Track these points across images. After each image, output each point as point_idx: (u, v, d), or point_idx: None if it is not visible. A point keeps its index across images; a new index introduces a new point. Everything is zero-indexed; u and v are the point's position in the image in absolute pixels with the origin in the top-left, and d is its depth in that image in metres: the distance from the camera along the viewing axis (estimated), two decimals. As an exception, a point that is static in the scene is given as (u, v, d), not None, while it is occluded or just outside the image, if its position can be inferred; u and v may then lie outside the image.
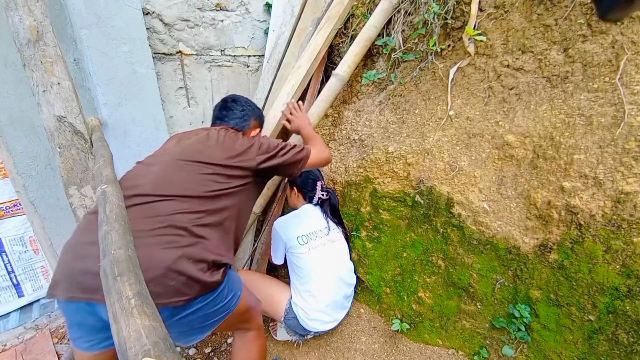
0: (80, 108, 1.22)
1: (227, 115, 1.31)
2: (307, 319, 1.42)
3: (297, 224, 1.51)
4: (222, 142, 1.11)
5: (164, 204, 0.90)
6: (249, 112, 1.34)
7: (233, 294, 0.98)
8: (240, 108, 1.33)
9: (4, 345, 1.58)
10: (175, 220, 0.87)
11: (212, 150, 1.07)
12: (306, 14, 1.84)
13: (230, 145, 1.11)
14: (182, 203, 0.92)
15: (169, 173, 0.98)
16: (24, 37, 1.07)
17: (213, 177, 1.00)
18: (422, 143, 1.45)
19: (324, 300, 1.44)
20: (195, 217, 0.91)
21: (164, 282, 0.79)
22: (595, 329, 1.14)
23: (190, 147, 1.08)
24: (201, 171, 1.00)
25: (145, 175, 0.99)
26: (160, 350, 0.41)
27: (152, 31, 1.68)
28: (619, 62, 1.09)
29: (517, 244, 1.24)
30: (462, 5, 1.39)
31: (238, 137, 1.16)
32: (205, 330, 0.95)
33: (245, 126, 1.32)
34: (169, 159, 1.04)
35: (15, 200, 1.53)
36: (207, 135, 1.15)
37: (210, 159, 1.04)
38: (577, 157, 1.12)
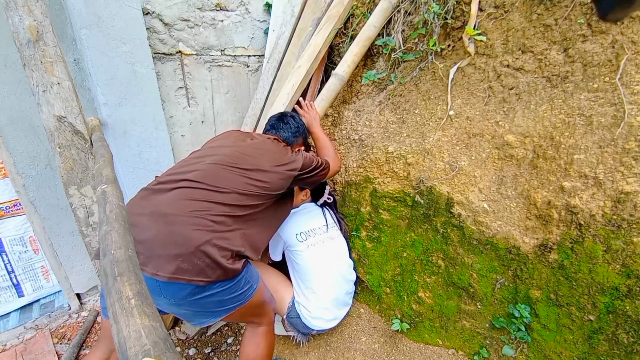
0: (80, 108, 1.22)
1: (282, 128, 1.44)
2: (309, 317, 1.42)
3: (295, 222, 1.52)
4: (273, 152, 1.23)
5: (206, 193, 0.99)
6: (301, 131, 1.48)
7: (249, 285, 1.04)
8: (296, 125, 1.46)
9: (4, 345, 1.58)
10: (212, 209, 0.97)
11: (262, 159, 1.16)
12: (306, 14, 1.84)
13: (280, 157, 1.21)
14: (221, 195, 1.01)
15: (218, 169, 1.08)
16: (24, 37, 1.07)
17: (255, 181, 1.09)
18: (422, 143, 1.45)
19: (326, 297, 1.44)
20: (229, 210, 1.00)
21: (191, 259, 0.88)
22: (595, 329, 1.14)
23: (244, 151, 1.17)
24: (247, 174, 1.09)
25: (196, 165, 1.09)
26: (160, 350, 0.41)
27: (152, 31, 1.68)
28: (619, 62, 1.09)
29: (517, 244, 1.24)
30: (462, 5, 1.39)
31: (287, 151, 1.28)
32: (218, 314, 1.01)
33: (295, 142, 1.45)
34: (222, 157, 1.13)
35: (15, 200, 1.53)
36: (262, 142, 1.27)
37: (259, 165, 1.13)
38: (577, 157, 1.12)
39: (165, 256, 0.87)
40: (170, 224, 0.91)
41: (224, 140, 1.30)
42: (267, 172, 1.13)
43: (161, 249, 0.88)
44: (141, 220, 0.93)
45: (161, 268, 0.86)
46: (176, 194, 0.99)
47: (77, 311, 1.80)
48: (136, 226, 0.91)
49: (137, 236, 0.86)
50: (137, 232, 0.88)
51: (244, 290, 1.02)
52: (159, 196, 1.00)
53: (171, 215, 0.93)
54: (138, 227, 0.91)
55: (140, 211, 0.96)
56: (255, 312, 1.15)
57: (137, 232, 0.89)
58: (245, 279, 1.02)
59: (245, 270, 1.01)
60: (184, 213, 0.94)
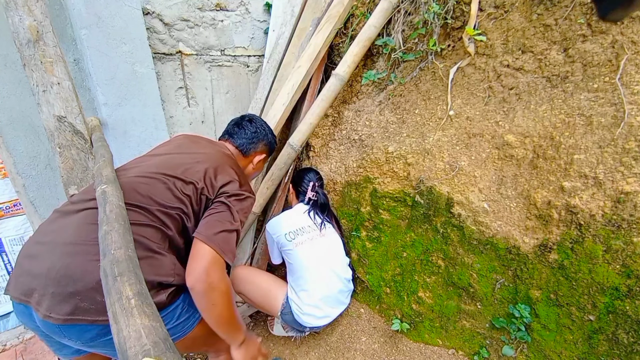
0: (80, 108, 1.22)
1: (237, 133, 1.28)
2: (300, 314, 1.43)
3: (285, 222, 1.53)
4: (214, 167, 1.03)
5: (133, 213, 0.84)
6: (260, 136, 1.30)
7: (189, 315, 0.90)
8: (253, 129, 1.28)
9: (4, 345, 1.58)
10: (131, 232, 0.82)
11: (197, 170, 0.99)
12: (306, 14, 1.84)
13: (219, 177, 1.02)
14: (140, 214, 0.85)
15: (139, 182, 0.92)
16: (24, 37, 1.07)
17: (185, 195, 0.93)
18: (422, 143, 1.45)
19: (316, 294, 1.44)
20: (153, 231, 0.85)
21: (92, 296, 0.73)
22: (595, 329, 1.14)
23: (178, 160, 1.02)
24: (174, 186, 0.93)
25: (120, 180, 0.93)
26: (160, 350, 0.41)
27: (152, 31, 1.68)
28: (619, 62, 1.09)
29: (517, 244, 1.24)
30: (462, 5, 1.39)
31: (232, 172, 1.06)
32: None
33: (250, 149, 1.27)
34: (147, 167, 0.98)
35: (15, 200, 1.53)
36: (208, 153, 1.09)
37: (190, 177, 0.96)
38: (577, 157, 1.12)
39: (59, 294, 0.73)
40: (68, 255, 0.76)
41: (161, 147, 1.14)
42: (199, 190, 0.96)
43: (54, 286, 0.73)
44: (39, 251, 0.79)
45: (54, 309, 0.72)
46: (81, 217, 0.83)
47: (77, 311, 1.80)
48: (33, 257, 0.78)
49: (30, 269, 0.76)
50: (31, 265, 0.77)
51: (181, 322, 0.88)
52: (64, 220, 0.85)
53: (70, 244, 0.78)
54: (35, 258, 0.77)
55: (42, 239, 0.82)
56: (207, 341, 1.00)
57: (32, 264, 0.77)
58: (181, 309, 0.87)
59: (181, 300, 0.87)
60: (86, 240, 0.78)
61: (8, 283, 0.80)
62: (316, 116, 1.70)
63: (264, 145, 1.32)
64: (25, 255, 0.81)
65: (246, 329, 1.05)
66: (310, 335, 1.65)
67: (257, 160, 1.31)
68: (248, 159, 1.29)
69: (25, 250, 0.82)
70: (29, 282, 0.75)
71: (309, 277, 1.46)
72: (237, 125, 1.30)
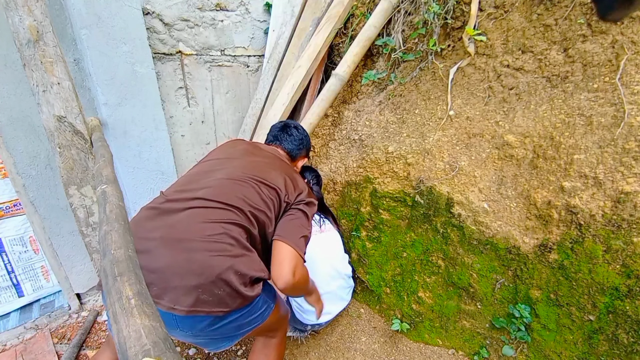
0: (80, 108, 1.22)
1: (285, 139, 1.35)
2: (301, 312, 1.42)
3: None
4: (286, 174, 1.12)
5: (221, 213, 0.91)
6: (305, 142, 1.38)
7: (267, 305, 0.99)
8: (300, 136, 1.36)
9: (4, 345, 1.58)
10: (230, 231, 0.89)
11: (275, 175, 1.09)
12: (306, 14, 1.84)
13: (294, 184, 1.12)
14: (237, 215, 0.93)
15: (230, 184, 1.00)
16: (24, 37, 1.07)
17: (269, 199, 1.02)
18: (422, 143, 1.45)
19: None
20: (247, 230, 0.93)
21: (211, 289, 0.81)
22: (595, 329, 1.14)
23: (257, 165, 1.10)
24: (261, 190, 1.02)
25: (206, 181, 1.01)
26: (160, 350, 0.41)
27: (152, 31, 1.68)
28: (619, 62, 1.09)
29: (517, 244, 1.24)
30: (462, 5, 1.39)
31: (299, 178, 1.17)
32: (235, 338, 0.97)
33: (298, 155, 1.37)
34: (234, 170, 1.06)
35: (15, 200, 1.53)
36: (273, 158, 1.20)
37: (273, 182, 1.05)
38: (577, 157, 1.12)
39: (183, 287, 0.79)
40: (186, 251, 0.82)
41: (231, 151, 1.21)
42: (280, 192, 1.05)
43: (178, 280, 0.79)
44: (151, 246, 0.84)
45: (178, 301, 0.78)
46: (189, 215, 0.90)
47: (77, 311, 1.80)
48: (145, 253, 0.82)
49: (148, 264, 0.80)
50: (147, 260, 0.81)
51: (262, 311, 0.97)
52: (169, 218, 0.90)
53: (186, 240, 0.84)
54: (148, 254, 0.82)
55: (149, 235, 0.86)
56: (272, 327, 1.10)
57: (148, 259, 0.81)
58: (263, 300, 0.96)
59: (263, 291, 0.95)
60: (201, 237, 0.85)
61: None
62: (316, 116, 1.70)
63: (306, 150, 1.41)
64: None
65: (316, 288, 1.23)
66: (310, 335, 1.65)
67: (300, 165, 1.41)
68: (294, 164, 1.38)
69: None
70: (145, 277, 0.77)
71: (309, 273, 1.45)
72: (284, 131, 1.37)
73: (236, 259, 0.85)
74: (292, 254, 0.93)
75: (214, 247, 0.84)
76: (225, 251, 0.85)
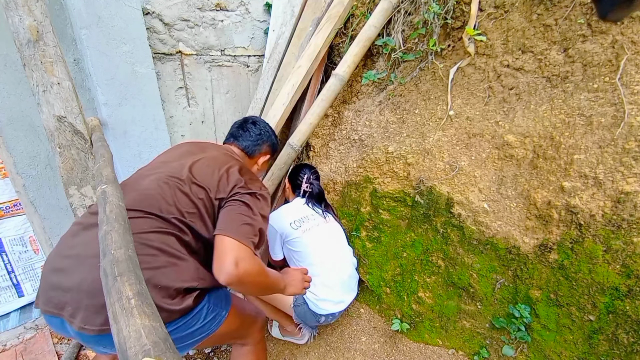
0: (80, 108, 1.22)
1: (241, 136, 1.30)
2: (316, 301, 1.39)
3: (287, 213, 1.53)
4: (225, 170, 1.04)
5: (142, 222, 0.85)
6: (264, 138, 1.32)
7: (215, 314, 0.93)
8: (257, 132, 1.31)
9: (4, 345, 1.58)
10: (151, 241, 0.83)
11: (208, 174, 1.01)
12: (306, 14, 1.84)
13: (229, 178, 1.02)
14: (163, 222, 0.87)
15: (159, 189, 0.93)
16: (24, 37, 1.07)
17: (199, 200, 0.95)
18: (422, 143, 1.45)
19: (331, 277, 1.44)
20: (175, 238, 0.87)
21: None
22: (595, 329, 1.14)
23: (192, 166, 1.02)
24: (191, 191, 0.95)
25: (134, 188, 0.95)
26: (160, 350, 0.41)
27: (152, 31, 1.68)
28: (619, 62, 1.09)
29: (517, 244, 1.24)
30: (462, 5, 1.39)
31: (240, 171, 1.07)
32: (183, 349, 0.92)
33: (256, 151, 1.31)
34: (164, 174, 0.98)
35: (15, 200, 1.53)
36: (217, 157, 1.11)
37: (203, 182, 0.98)
38: (577, 157, 1.12)
39: (93, 306, 0.75)
40: (97, 268, 0.75)
41: (171, 154, 1.15)
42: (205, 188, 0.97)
43: (88, 299, 0.75)
44: (67, 265, 0.80)
45: (89, 321, 0.74)
46: None
47: (77, 311, 1.80)
48: (61, 272, 0.79)
49: (62, 284, 0.77)
50: (62, 279, 0.78)
51: (208, 321, 0.90)
52: (88, 233, 0.85)
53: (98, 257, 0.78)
54: (63, 273, 0.79)
55: (68, 252, 0.83)
56: (235, 335, 1.04)
57: (63, 278, 0.78)
58: (207, 310, 0.89)
59: (206, 301, 0.89)
60: None
61: (37, 297, 0.82)
62: (316, 116, 1.70)
63: (268, 147, 1.35)
64: (52, 270, 0.82)
65: (281, 275, 1.13)
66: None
67: (261, 161, 1.34)
68: (253, 160, 1.32)
69: (51, 264, 0.83)
70: (61, 296, 0.77)
71: (321, 261, 1.45)
72: (241, 127, 1.32)
73: (156, 271, 0.80)
74: (233, 245, 0.85)
75: None
76: (141, 264, 0.78)
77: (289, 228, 1.47)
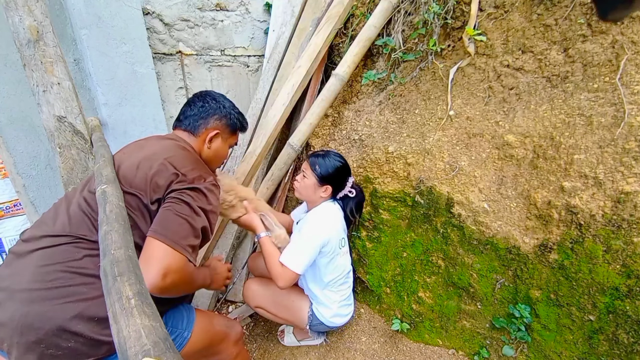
0: (80, 108, 1.22)
1: (183, 113, 1.12)
2: (330, 318, 1.39)
3: (339, 227, 1.36)
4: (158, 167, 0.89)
5: (70, 249, 0.78)
6: (210, 110, 1.10)
7: (175, 336, 0.87)
8: (200, 104, 1.10)
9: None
10: (83, 268, 0.76)
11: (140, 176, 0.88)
12: (306, 14, 1.84)
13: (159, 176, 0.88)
14: (93, 244, 0.78)
15: (85, 207, 0.84)
16: (24, 37, 1.07)
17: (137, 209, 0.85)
18: (422, 143, 1.45)
19: (349, 291, 1.48)
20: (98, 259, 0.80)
21: (57, 343, 0.70)
22: (595, 329, 1.14)
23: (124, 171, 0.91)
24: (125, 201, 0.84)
25: (63, 209, 0.86)
26: (160, 350, 0.41)
27: (152, 31, 1.68)
28: (619, 62, 1.09)
29: (517, 244, 1.24)
30: (462, 5, 1.39)
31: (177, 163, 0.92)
32: None
33: (200, 127, 1.09)
34: (90, 189, 0.88)
35: (15, 200, 1.53)
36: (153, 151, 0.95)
37: (135, 187, 0.86)
38: (577, 157, 1.12)
39: (23, 344, 0.70)
40: (25, 303, 0.72)
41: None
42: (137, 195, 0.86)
43: (18, 336, 0.70)
44: (0, 298, 0.75)
45: (22, 359, 0.70)
46: (35, 258, 0.77)
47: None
48: None
49: None
50: None
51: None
52: (18, 263, 0.79)
53: (27, 291, 0.73)
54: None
55: (1, 284, 0.77)
56: (203, 354, 0.97)
57: None
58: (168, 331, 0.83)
59: (166, 321, 0.83)
60: (41, 286, 0.73)
61: None
62: (316, 116, 1.70)
63: (217, 120, 1.11)
64: None
65: (209, 272, 1.04)
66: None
67: (209, 137, 1.10)
68: (200, 139, 1.10)
69: None
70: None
71: (350, 280, 1.48)
72: (185, 105, 1.14)
73: (91, 302, 0.74)
74: (164, 253, 0.76)
75: (56, 294, 0.72)
76: (74, 295, 0.73)
77: (336, 246, 1.33)
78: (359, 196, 1.42)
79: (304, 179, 1.35)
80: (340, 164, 1.33)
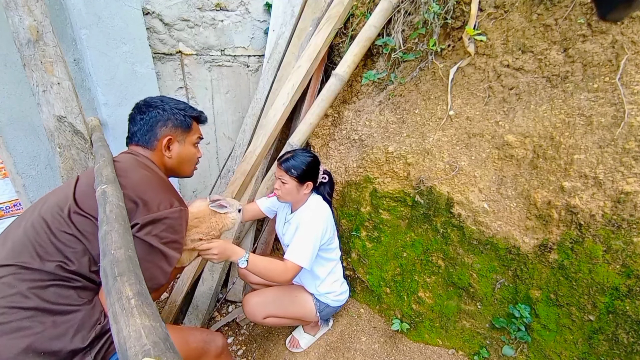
0: (80, 108, 1.22)
1: (130, 130, 1.04)
2: (336, 297, 1.49)
3: (329, 216, 1.41)
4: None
5: (13, 280, 0.74)
6: (152, 120, 1.02)
7: None
8: (140, 117, 1.03)
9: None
10: (27, 299, 0.72)
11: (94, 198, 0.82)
12: (306, 14, 1.84)
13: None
14: (39, 273, 0.75)
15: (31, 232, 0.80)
16: (24, 37, 1.07)
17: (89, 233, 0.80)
18: (422, 143, 1.45)
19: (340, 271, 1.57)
20: (58, 288, 0.75)
21: None
22: (595, 329, 1.14)
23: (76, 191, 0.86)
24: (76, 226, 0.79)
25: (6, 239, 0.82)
26: (160, 350, 0.41)
27: (152, 31, 1.68)
28: (619, 62, 1.09)
29: (517, 244, 1.24)
30: (462, 5, 1.39)
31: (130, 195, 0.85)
32: None
33: (151, 139, 1.02)
34: (40, 213, 0.83)
35: (15, 200, 1.53)
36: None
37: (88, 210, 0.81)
38: (577, 157, 1.12)
39: None
40: None
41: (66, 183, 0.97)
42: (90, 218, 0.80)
43: None
44: None
45: None
46: None
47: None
48: None
49: None
50: None
51: None
52: None
53: None
54: None
55: None
56: None
57: None
58: None
59: None
60: None
61: None
62: (316, 116, 1.70)
63: (163, 127, 1.04)
64: None
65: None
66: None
67: (164, 146, 1.04)
68: (157, 150, 1.04)
69: None
70: None
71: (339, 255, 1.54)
72: (129, 122, 1.07)
73: (40, 335, 0.70)
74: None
75: (2, 331, 0.69)
76: (20, 331, 0.69)
77: (334, 236, 1.47)
78: (330, 179, 1.50)
79: (283, 185, 1.34)
80: (310, 158, 1.36)
